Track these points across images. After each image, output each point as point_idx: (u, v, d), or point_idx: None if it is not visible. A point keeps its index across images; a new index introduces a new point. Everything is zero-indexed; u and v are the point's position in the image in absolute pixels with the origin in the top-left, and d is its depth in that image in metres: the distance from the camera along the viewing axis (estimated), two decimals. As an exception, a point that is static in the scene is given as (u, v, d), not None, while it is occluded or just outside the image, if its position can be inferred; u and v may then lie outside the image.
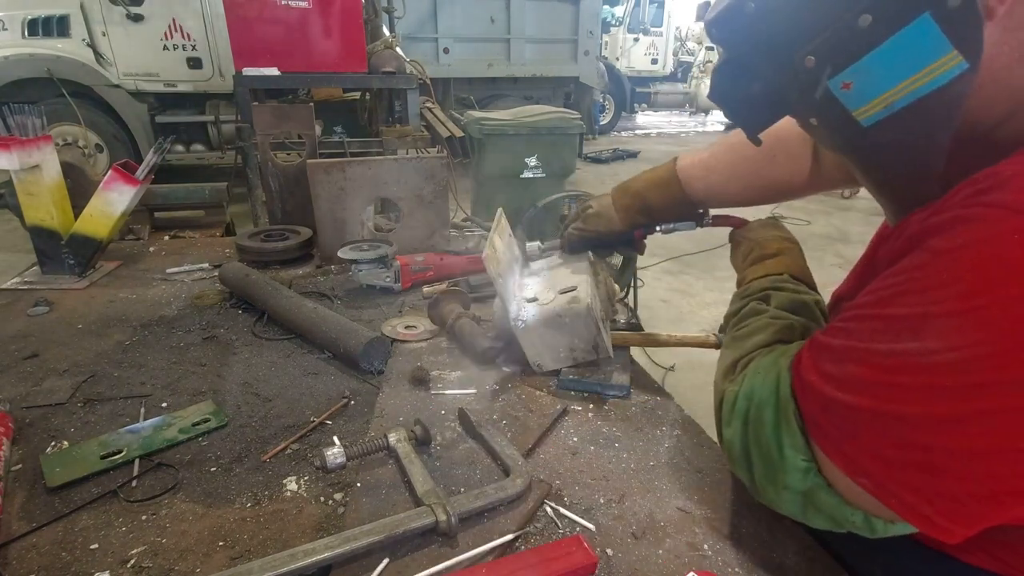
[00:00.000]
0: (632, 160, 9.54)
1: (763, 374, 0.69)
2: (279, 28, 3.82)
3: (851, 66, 0.51)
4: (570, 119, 4.64)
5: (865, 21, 0.49)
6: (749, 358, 0.76)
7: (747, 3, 0.56)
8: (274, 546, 0.76)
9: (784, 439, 0.63)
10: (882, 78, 0.51)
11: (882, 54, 0.50)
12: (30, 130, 1.51)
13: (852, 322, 0.59)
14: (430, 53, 7.38)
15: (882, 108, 0.52)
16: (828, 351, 0.60)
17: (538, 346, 1.13)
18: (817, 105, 0.56)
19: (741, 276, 0.99)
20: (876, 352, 0.54)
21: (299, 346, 1.30)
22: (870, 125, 0.53)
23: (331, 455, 0.85)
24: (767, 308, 0.84)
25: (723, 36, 0.60)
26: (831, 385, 0.58)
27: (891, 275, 0.56)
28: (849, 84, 0.52)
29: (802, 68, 0.54)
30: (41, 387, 1.13)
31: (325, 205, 1.69)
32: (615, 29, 12.83)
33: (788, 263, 0.93)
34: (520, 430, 1.00)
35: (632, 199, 1.13)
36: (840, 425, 0.57)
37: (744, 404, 0.69)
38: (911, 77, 0.50)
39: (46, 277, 1.65)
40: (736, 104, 0.67)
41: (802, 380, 0.62)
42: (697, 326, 3.87)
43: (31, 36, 5.16)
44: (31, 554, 0.75)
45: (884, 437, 0.53)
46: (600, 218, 1.17)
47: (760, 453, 0.66)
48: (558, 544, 0.73)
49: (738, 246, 1.05)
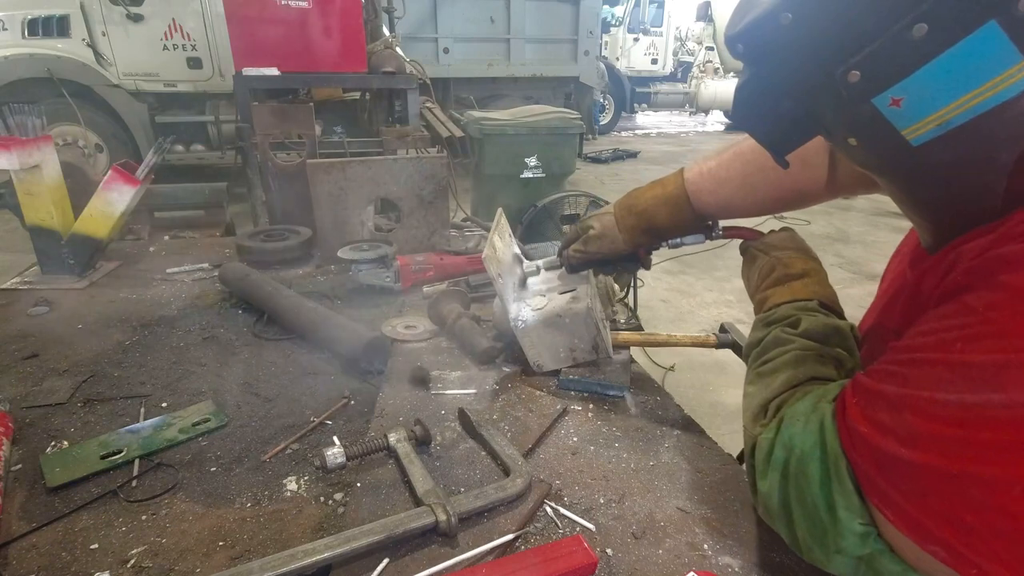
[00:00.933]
0: (632, 160, 9.53)
1: (802, 421, 0.63)
2: (279, 28, 3.81)
3: (902, 81, 0.46)
4: (570, 119, 4.64)
5: (920, 31, 0.44)
6: (781, 400, 0.70)
7: (782, 13, 0.50)
8: (274, 546, 0.76)
9: (836, 499, 0.57)
10: (938, 93, 0.46)
11: (939, 67, 0.45)
12: (30, 130, 1.51)
13: (908, 367, 0.53)
14: (430, 53, 7.38)
15: (936, 126, 0.47)
16: (881, 399, 0.54)
17: (538, 346, 1.13)
18: (859, 124, 0.52)
19: (761, 297, 0.89)
20: (945, 403, 0.48)
21: (299, 346, 1.29)
22: (920, 144, 0.49)
23: (331, 455, 0.85)
24: (793, 338, 0.76)
25: (752, 50, 0.55)
26: (889, 438, 0.52)
27: (954, 314, 0.51)
28: (899, 100, 0.47)
29: (844, 84, 0.49)
30: (41, 387, 1.13)
31: (325, 205, 1.69)
32: (615, 29, 12.83)
33: (816, 288, 0.84)
34: (520, 430, 1.00)
35: (638, 219, 1.03)
36: (902, 485, 0.51)
37: (782, 455, 0.63)
38: (972, 92, 0.45)
39: (46, 277, 1.65)
40: (763, 125, 0.62)
41: (851, 431, 0.56)
42: (697, 326, 3.87)
43: (31, 36, 5.16)
44: (31, 554, 0.75)
45: (960, 500, 0.47)
46: (603, 239, 1.07)
47: (804, 512, 0.61)
48: (558, 544, 0.73)
49: (754, 260, 0.95)
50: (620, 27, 12.78)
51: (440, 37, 7.50)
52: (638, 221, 1.03)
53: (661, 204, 1.00)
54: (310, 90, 4.59)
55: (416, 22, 7.17)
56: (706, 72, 13.25)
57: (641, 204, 1.03)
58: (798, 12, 0.50)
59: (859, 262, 4.89)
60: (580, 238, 1.10)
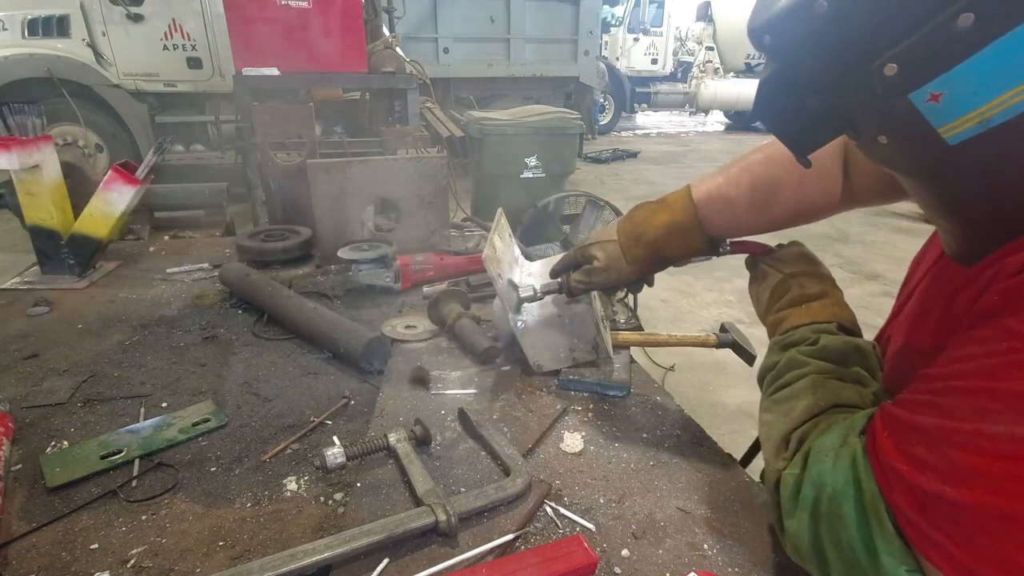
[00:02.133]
0: (632, 160, 9.53)
1: (832, 457, 0.59)
2: (279, 28, 3.81)
3: (943, 75, 0.43)
4: (570, 119, 4.63)
5: (967, 21, 0.41)
6: (803, 431, 0.66)
7: (817, 2, 0.47)
8: (274, 546, 0.76)
9: (878, 543, 0.53)
10: (980, 88, 0.43)
11: (984, 60, 0.41)
12: (30, 130, 1.51)
13: (946, 396, 0.50)
14: (430, 53, 7.38)
15: (976, 123, 0.44)
16: (916, 432, 0.51)
17: (538, 346, 1.13)
18: (892, 121, 0.48)
19: (776, 318, 0.84)
20: (992, 436, 0.45)
21: (299, 346, 1.29)
22: (958, 143, 0.46)
23: (331, 455, 0.85)
24: (808, 360, 0.72)
25: (781, 42, 0.51)
26: (929, 475, 0.49)
27: (996, 338, 0.48)
28: (938, 96, 0.44)
29: (880, 78, 0.46)
30: (41, 387, 1.13)
31: (325, 205, 1.69)
32: (615, 29, 12.84)
33: (836, 310, 0.80)
34: (520, 430, 1.00)
35: (646, 250, 0.96)
36: (948, 527, 0.48)
37: (811, 493, 0.59)
38: (1018, 87, 0.42)
39: (46, 277, 1.65)
40: (787, 123, 0.58)
41: (885, 468, 0.53)
42: (697, 326, 3.87)
43: (31, 36, 5.16)
44: (31, 554, 0.75)
45: (1014, 541, 0.44)
46: (608, 272, 0.99)
47: (840, 555, 0.57)
48: (558, 544, 0.73)
49: (764, 278, 0.90)
50: (620, 27, 12.79)
51: (440, 37, 7.50)
52: (647, 252, 0.96)
53: (672, 233, 0.93)
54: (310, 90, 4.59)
55: (416, 22, 7.17)
56: (706, 72, 13.25)
57: (650, 234, 0.95)
58: (834, 0, 0.47)
59: (859, 262, 4.89)
60: (582, 268, 1.03)
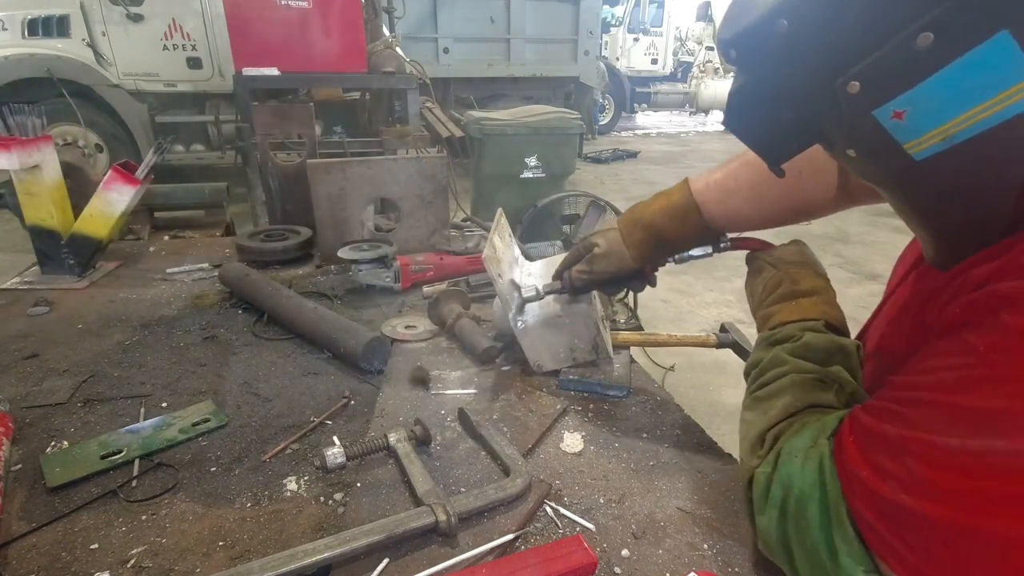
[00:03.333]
0: (632, 160, 9.53)
1: (801, 458, 0.60)
2: (279, 28, 3.82)
3: (905, 93, 0.44)
4: (570, 119, 4.64)
5: (926, 41, 0.41)
6: (778, 430, 0.67)
7: (778, 20, 0.47)
8: (274, 546, 0.76)
9: (839, 545, 0.55)
10: (943, 106, 0.43)
11: (945, 79, 0.42)
12: (30, 130, 1.51)
13: (909, 407, 0.51)
14: (430, 53, 7.38)
15: (940, 140, 0.45)
16: (881, 440, 0.52)
17: (538, 346, 1.13)
18: (859, 136, 0.49)
19: (765, 313, 0.85)
20: (947, 449, 0.46)
21: (299, 346, 1.29)
22: (923, 159, 0.46)
23: (331, 455, 0.85)
24: (788, 359, 0.73)
25: (746, 57, 0.52)
26: (890, 484, 0.49)
27: (956, 352, 0.49)
28: (901, 113, 0.45)
29: (844, 95, 0.46)
30: (41, 387, 1.13)
31: (325, 205, 1.69)
32: (615, 29, 12.84)
33: (825, 308, 0.80)
34: (520, 430, 1.00)
35: (645, 233, 0.97)
36: (906, 535, 0.49)
37: (780, 493, 0.61)
38: (979, 105, 0.42)
39: (46, 277, 1.65)
40: (758, 133, 0.59)
41: (849, 473, 0.54)
42: (697, 326, 3.87)
43: (31, 36, 5.16)
44: (31, 554, 0.75)
45: (970, 556, 0.45)
46: (609, 258, 1.01)
47: (805, 553, 0.59)
48: (558, 544, 0.73)
49: (759, 273, 0.92)
50: (620, 27, 12.79)
51: (440, 37, 7.51)
52: (646, 235, 0.97)
53: (669, 217, 0.95)
54: (310, 90, 4.60)
55: (416, 22, 7.17)
56: (706, 72, 13.26)
57: (648, 217, 0.97)
58: (795, 19, 0.47)
59: (859, 262, 4.89)
60: (584, 258, 1.04)
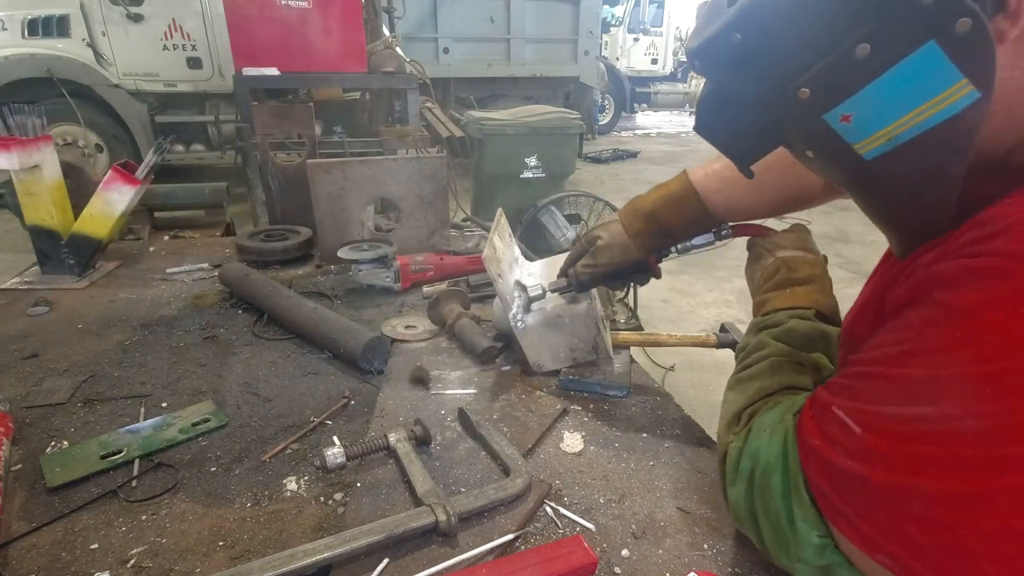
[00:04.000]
0: (632, 160, 9.53)
1: (768, 433, 0.64)
2: (279, 28, 3.82)
3: (850, 99, 0.48)
4: (570, 119, 4.63)
5: (863, 51, 0.46)
6: (753, 409, 0.71)
7: (732, 34, 0.51)
8: (274, 546, 0.76)
9: (795, 511, 0.59)
10: (885, 110, 0.47)
11: (883, 85, 0.46)
12: (30, 130, 1.51)
13: (857, 380, 0.55)
14: (430, 53, 7.38)
15: (885, 141, 0.49)
16: (832, 413, 0.55)
17: (538, 346, 1.13)
18: (814, 138, 0.53)
19: (761, 299, 0.88)
20: (886, 417, 0.50)
21: (299, 346, 1.29)
22: (873, 158, 0.50)
23: (331, 455, 0.85)
24: (772, 342, 0.77)
25: (708, 68, 0.57)
26: (838, 452, 0.53)
27: (897, 329, 0.52)
28: (848, 117, 0.49)
29: (795, 101, 0.50)
30: (41, 387, 1.13)
31: (325, 205, 1.69)
32: (615, 29, 12.83)
33: (818, 297, 0.83)
34: (520, 430, 1.00)
35: (646, 222, 1.00)
36: (852, 498, 0.53)
37: (748, 465, 0.65)
38: (917, 108, 0.46)
39: (46, 277, 1.65)
40: (724, 137, 0.64)
41: (806, 445, 0.58)
42: (697, 326, 3.87)
43: (31, 36, 5.16)
44: (31, 554, 0.75)
45: (904, 514, 0.48)
46: (612, 249, 1.03)
47: (769, 521, 0.62)
48: (558, 544, 0.73)
49: (759, 259, 0.94)
50: (620, 27, 12.78)
51: (440, 37, 7.51)
52: (647, 224, 1.00)
53: (669, 205, 0.98)
54: (310, 90, 4.60)
55: (416, 22, 7.17)
56: (706, 72, 13.23)
57: (648, 206, 1.00)
58: (747, 33, 0.51)
59: (859, 262, 4.89)
60: (587, 252, 1.05)
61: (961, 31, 0.43)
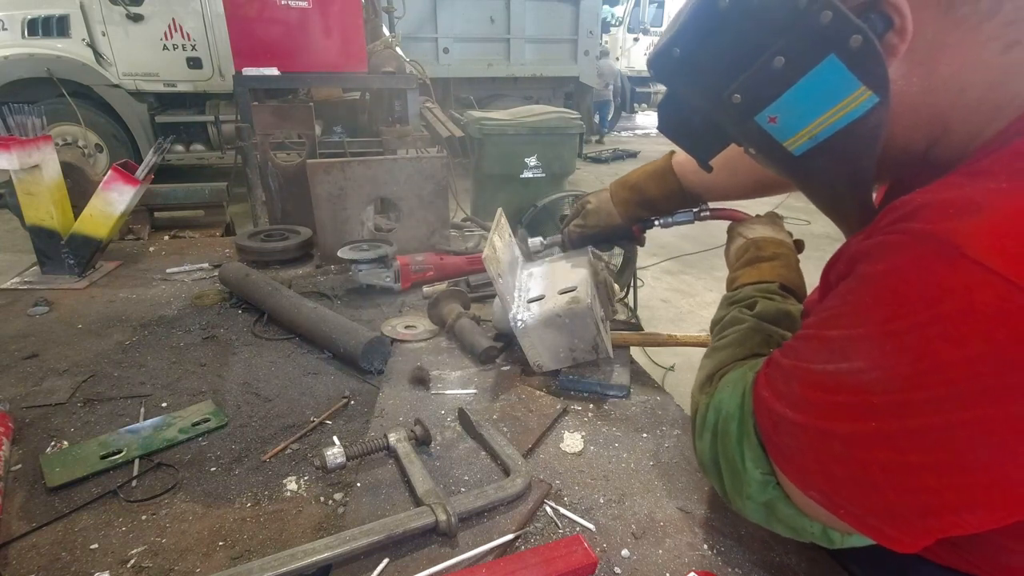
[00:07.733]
0: (632, 160, 9.54)
1: (731, 388, 0.71)
2: (279, 28, 3.81)
3: (773, 103, 0.56)
4: (570, 119, 4.64)
5: (779, 62, 0.54)
6: (724, 371, 0.77)
7: (673, 48, 0.60)
8: (274, 546, 0.76)
9: (746, 452, 0.65)
10: (803, 113, 0.55)
11: (798, 92, 0.54)
12: (30, 130, 1.51)
13: (799, 342, 0.62)
14: (430, 53, 7.39)
15: (807, 139, 0.57)
16: (779, 369, 0.63)
17: (538, 346, 1.13)
18: (751, 137, 0.61)
19: (732, 276, 0.98)
20: (816, 372, 0.56)
21: (299, 346, 1.29)
22: (801, 154, 0.58)
23: (331, 455, 0.85)
24: (748, 318, 0.84)
25: (660, 77, 0.65)
26: (781, 402, 0.60)
27: (831, 298, 0.59)
28: (775, 118, 0.57)
29: (730, 105, 0.58)
30: (41, 387, 1.13)
31: (325, 205, 1.69)
32: (615, 29, 12.84)
33: (782, 271, 0.93)
34: (520, 430, 1.00)
35: (630, 192, 1.18)
36: (789, 441, 0.60)
37: (713, 416, 0.71)
38: (828, 111, 0.54)
39: (46, 277, 1.65)
40: (682, 135, 0.73)
41: (758, 397, 0.65)
42: (697, 326, 3.87)
43: (31, 36, 5.17)
44: (31, 554, 0.75)
45: (827, 453, 0.55)
46: (599, 213, 1.21)
47: (727, 465, 0.69)
48: (558, 544, 0.73)
49: (733, 241, 1.05)
50: (620, 27, 12.79)
51: (440, 37, 7.51)
52: (631, 194, 1.18)
53: (651, 178, 1.16)
54: (310, 90, 4.59)
55: (416, 22, 7.18)
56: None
57: (633, 179, 1.18)
58: (684, 47, 0.60)
59: (859, 262, 4.88)
60: (580, 214, 1.23)
61: (855, 46, 0.51)
